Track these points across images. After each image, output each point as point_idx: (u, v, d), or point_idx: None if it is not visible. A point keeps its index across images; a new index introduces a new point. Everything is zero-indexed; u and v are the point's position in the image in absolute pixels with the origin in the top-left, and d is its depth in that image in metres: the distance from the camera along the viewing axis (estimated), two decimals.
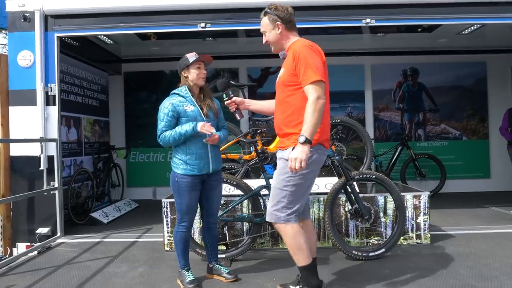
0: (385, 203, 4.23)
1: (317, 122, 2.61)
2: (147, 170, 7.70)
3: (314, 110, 2.59)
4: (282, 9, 2.83)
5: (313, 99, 2.61)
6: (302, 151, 2.56)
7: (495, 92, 7.66)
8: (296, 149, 2.59)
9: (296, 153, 2.57)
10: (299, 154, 2.56)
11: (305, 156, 2.56)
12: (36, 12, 4.81)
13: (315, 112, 2.59)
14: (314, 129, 2.60)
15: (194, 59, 3.23)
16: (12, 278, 3.60)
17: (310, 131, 2.59)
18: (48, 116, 4.84)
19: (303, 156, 2.56)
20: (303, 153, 2.56)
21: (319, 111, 2.61)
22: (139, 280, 3.47)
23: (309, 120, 2.59)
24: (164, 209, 4.25)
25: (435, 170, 7.31)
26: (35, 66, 4.82)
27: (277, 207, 2.77)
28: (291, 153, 2.61)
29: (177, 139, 3.15)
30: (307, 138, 2.57)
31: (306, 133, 2.58)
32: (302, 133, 2.59)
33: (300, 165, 2.56)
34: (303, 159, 2.55)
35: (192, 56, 3.25)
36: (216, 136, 3.19)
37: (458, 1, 4.69)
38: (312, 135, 2.60)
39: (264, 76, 7.67)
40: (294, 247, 2.78)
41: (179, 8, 4.80)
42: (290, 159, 2.59)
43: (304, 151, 2.57)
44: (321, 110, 2.62)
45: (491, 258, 3.78)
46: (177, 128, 3.16)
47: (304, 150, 2.57)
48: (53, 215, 4.77)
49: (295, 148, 2.60)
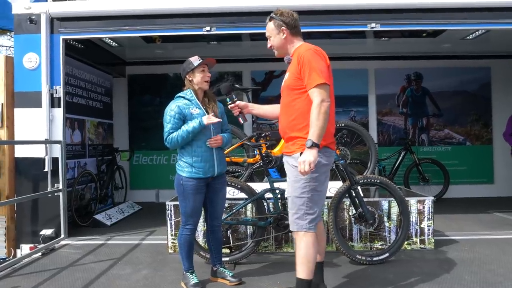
0: (389, 207, 4.22)
1: (323, 125, 2.62)
2: (150, 172, 7.71)
3: (319, 113, 2.61)
4: (288, 15, 2.85)
5: (317, 102, 2.62)
6: (310, 154, 2.58)
7: (499, 97, 7.65)
8: (304, 153, 2.61)
9: (304, 156, 2.59)
10: (307, 156, 2.58)
11: (313, 158, 2.57)
12: (42, 14, 4.84)
13: (320, 115, 2.61)
14: (321, 132, 2.61)
15: (199, 62, 3.25)
16: (16, 280, 3.61)
17: (317, 134, 2.60)
18: (53, 118, 4.86)
19: (311, 158, 2.57)
20: (311, 156, 2.57)
21: (324, 113, 2.62)
22: (143, 282, 3.47)
23: (315, 124, 2.61)
24: (168, 212, 4.25)
25: (438, 175, 7.30)
26: (41, 68, 4.85)
27: (298, 215, 2.77)
28: (300, 157, 2.63)
29: (185, 137, 3.16)
30: (314, 142, 2.58)
31: (313, 137, 2.59)
32: (309, 137, 2.60)
33: (309, 167, 2.57)
34: (311, 161, 2.57)
35: (196, 60, 3.27)
36: (219, 137, 3.22)
37: (463, 7, 4.70)
38: (320, 138, 2.61)
39: (268, 80, 7.68)
40: (304, 257, 2.76)
41: (184, 11, 4.83)
42: (299, 162, 2.61)
43: (312, 154, 2.58)
44: (326, 113, 2.63)
45: (496, 263, 3.76)
46: (184, 127, 3.17)
47: (312, 153, 2.58)
48: (57, 217, 4.78)
49: (303, 152, 2.62)
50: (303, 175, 2.63)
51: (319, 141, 2.61)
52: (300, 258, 2.78)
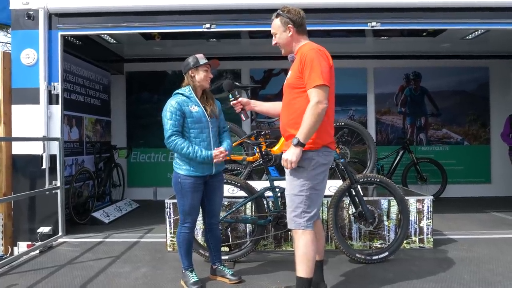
0: (389, 206, 4.22)
1: (313, 126, 2.63)
2: (148, 170, 7.68)
3: (312, 114, 2.62)
4: (295, 13, 2.83)
5: (313, 103, 2.63)
6: (294, 153, 2.63)
7: (497, 97, 7.67)
8: (289, 150, 2.66)
9: (287, 154, 2.65)
10: (290, 156, 2.64)
11: (295, 158, 2.63)
12: (40, 10, 4.79)
13: (313, 116, 2.62)
14: (309, 132, 2.63)
15: (205, 62, 3.24)
16: (14, 278, 3.58)
17: (305, 133, 2.63)
18: (51, 115, 4.82)
19: (293, 158, 2.63)
20: (294, 156, 2.63)
21: (317, 115, 2.63)
22: (143, 280, 3.45)
23: (305, 123, 2.63)
24: (167, 210, 4.23)
25: (436, 175, 7.32)
26: (39, 65, 4.80)
27: (295, 213, 2.77)
28: (284, 154, 2.69)
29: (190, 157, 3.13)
30: (299, 141, 2.61)
31: (300, 135, 2.63)
32: (296, 135, 2.64)
33: (291, 166, 2.65)
34: (293, 161, 2.64)
35: (203, 58, 3.26)
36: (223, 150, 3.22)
37: (463, 6, 4.70)
38: (307, 138, 2.64)
39: (266, 78, 7.66)
40: (303, 256, 2.76)
41: (184, 8, 4.79)
42: (282, 159, 2.69)
43: (295, 153, 2.63)
44: (320, 115, 2.63)
45: (494, 263, 3.77)
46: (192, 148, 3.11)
47: (295, 153, 2.63)
48: (55, 214, 4.75)
49: (288, 149, 2.67)
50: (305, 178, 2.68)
51: (306, 140, 2.64)
52: (299, 257, 2.78)
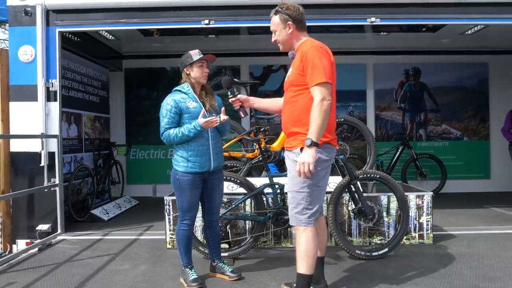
0: (388, 202, 4.22)
1: (323, 123, 2.60)
2: (147, 167, 7.66)
3: (319, 113, 2.59)
4: (294, 9, 2.80)
5: (318, 101, 2.60)
6: (309, 154, 2.57)
7: (497, 93, 7.65)
8: (304, 152, 2.59)
9: (303, 157, 2.58)
10: (307, 158, 2.56)
11: (313, 159, 2.57)
12: (38, 6, 4.75)
13: (320, 114, 2.59)
14: (320, 131, 2.60)
15: (198, 57, 3.20)
16: (13, 275, 3.57)
17: (317, 132, 2.58)
18: (49, 112, 4.80)
19: (310, 160, 2.56)
20: (310, 157, 2.56)
21: (324, 112, 2.60)
22: (142, 278, 3.44)
23: (314, 123, 2.59)
24: (166, 207, 4.22)
25: (435, 170, 7.31)
26: (36, 61, 4.77)
27: (297, 209, 2.75)
28: (299, 157, 2.61)
29: (183, 138, 3.12)
30: (313, 141, 2.57)
31: (312, 135, 2.58)
32: (308, 136, 2.59)
33: (308, 169, 2.56)
34: (310, 163, 2.56)
35: (196, 54, 3.22)
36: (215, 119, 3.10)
37: (462, 1, 4.67)
38: (319, 137, 2.60)
39: (266, 74, 7.63)
40: (304, 252, 2.75)
41: (183, 4, 4.77)
42: (298, 163, 2.60)
43: (311, 154, 2.57)
44: (326, 112, 2.61)
45: (494, 259, 3.77)
46: (182, 129, 3.12)
47: (311, 154, 2.57)
48: (54, 212, 4.74)
49: (302, 152, 2.60)
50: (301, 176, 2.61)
51: (319, 139, 2.59)
52: (300, 253, 2.77)
